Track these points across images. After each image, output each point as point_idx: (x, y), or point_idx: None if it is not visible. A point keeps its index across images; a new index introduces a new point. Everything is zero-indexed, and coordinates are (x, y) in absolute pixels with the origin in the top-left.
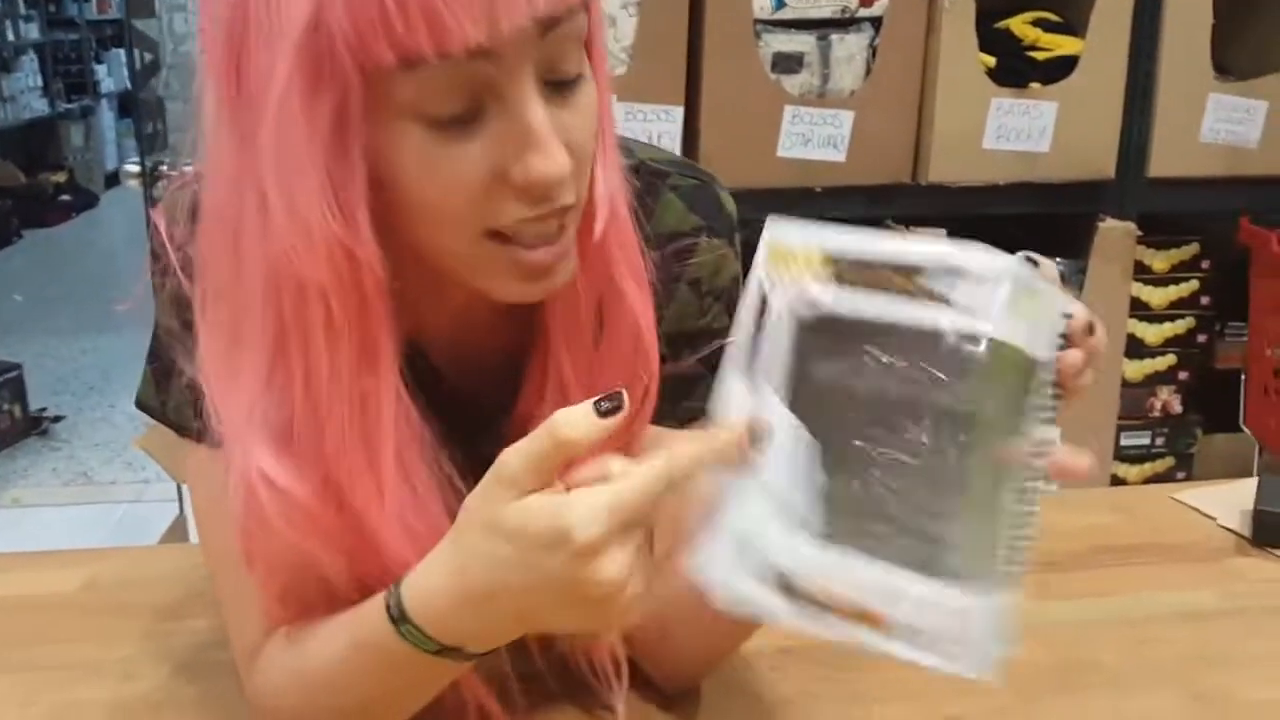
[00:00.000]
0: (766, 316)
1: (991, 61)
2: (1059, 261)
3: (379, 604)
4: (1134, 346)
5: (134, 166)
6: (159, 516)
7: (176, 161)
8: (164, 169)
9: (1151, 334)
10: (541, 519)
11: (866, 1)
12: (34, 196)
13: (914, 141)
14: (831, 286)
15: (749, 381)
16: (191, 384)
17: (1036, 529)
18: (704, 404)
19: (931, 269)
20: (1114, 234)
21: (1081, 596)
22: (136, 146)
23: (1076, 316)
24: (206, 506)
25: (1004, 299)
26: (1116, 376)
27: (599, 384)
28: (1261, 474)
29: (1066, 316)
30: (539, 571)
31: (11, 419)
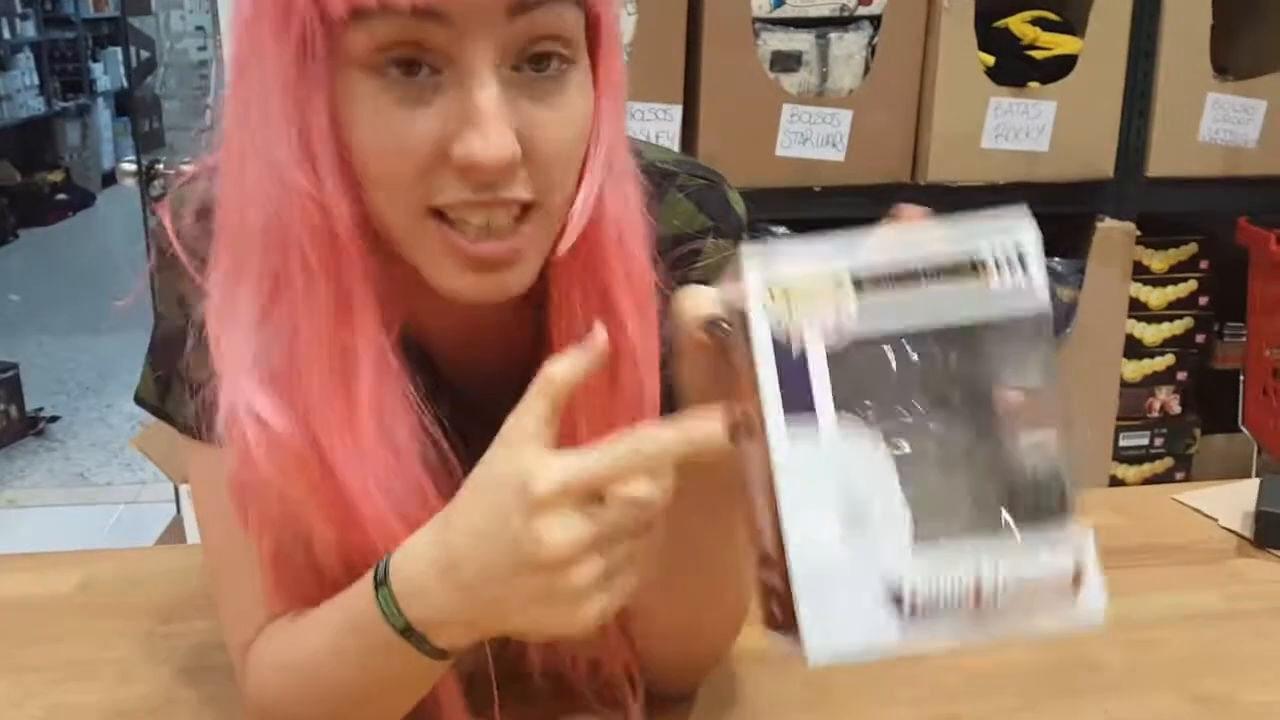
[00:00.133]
0: (794, 359)
1: (990, 60)
2: (1058, 261)
3: (370, 573)
4: (1132, 347)
5: (130, 165)
6: (156, 517)
7: (173, 159)
8: (160, 167)
9: (1150, 334)
10: (511, 462)
11: (865, 0)
12: (30, 195)
13: (913, 140)
14: (856, 306)
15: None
16: (193, 381)
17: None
18: None
19: (955, 264)
20: (1113, 234)
21: None
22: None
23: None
24: (207, 503)
25: (1037, 256)
26: (1115, 377)
27: (600, 403)
28: (1262, 475)
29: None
30: (497, 519)
31: (7, 419)
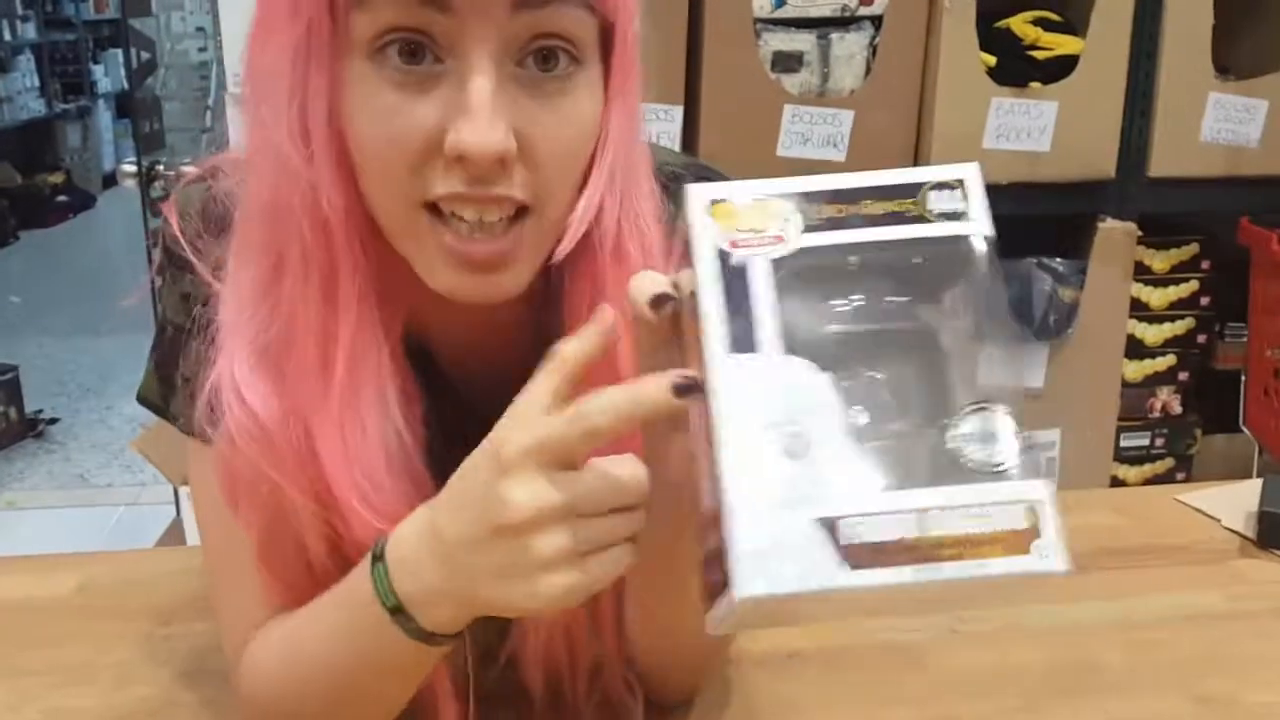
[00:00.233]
0: (734, 276)
1: (992, 61)
2: (1059, 261)
3: (370, 552)
4: (1134, 347)
5: (130, 166)
6: (155, 519)
7: (174, 160)
8: (161, 168)
9: (1151, 334)
10: (497, 431)
11: (866, 0)
12: (31, 197)
13: (914, 141)
14: (801, 223)
15: (733, 344)
16: (196, 380)
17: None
18: None
19: (896, 185)
20: (1114, 234)
21: (1084, 599)
22: (134, 147)
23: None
24: (206, 503)
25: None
26: (1116, 377)
27: None
28: (1265, 475)
29: None
30: (472, 482)
31: (7, 421)
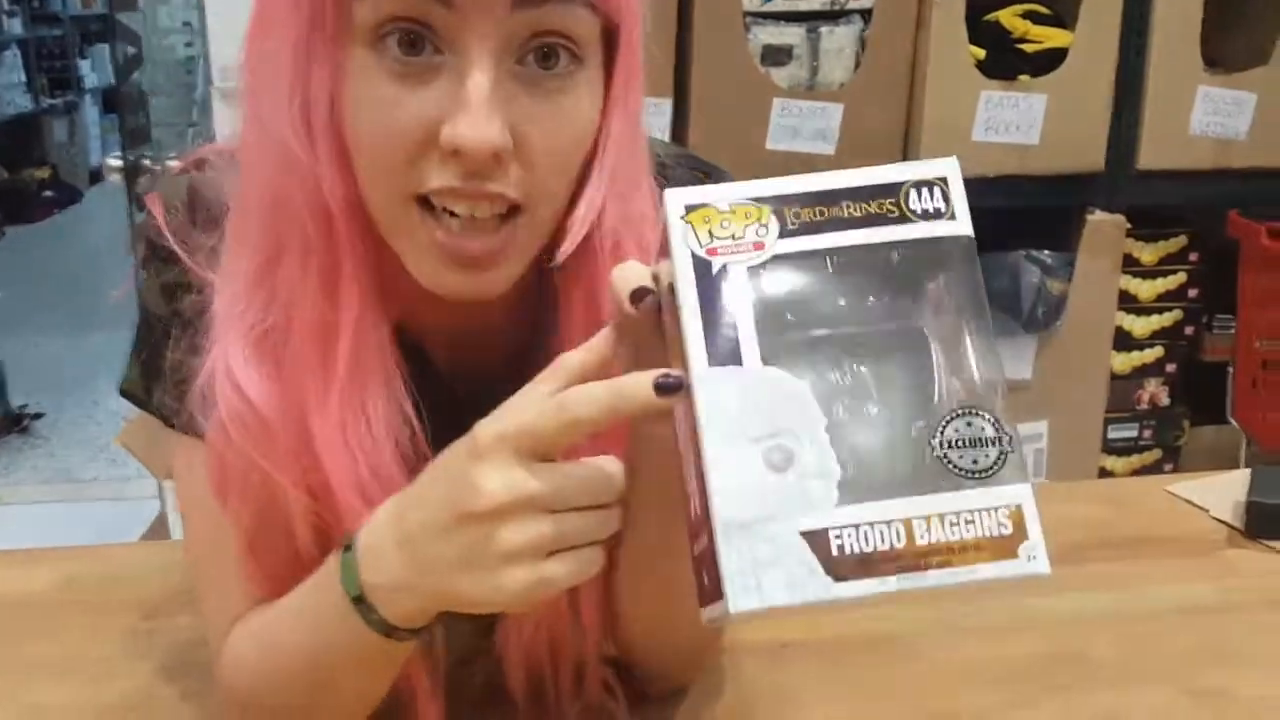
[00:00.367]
0: (712, 287)
1: (981, 54)
2: (1047, 254)
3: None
4: (1122, 339)
5: (116, 160)
6: (140, 514)
7: (160, 155)
8: (147, 163)
9: (1139, 326)
10: (476, 429)
11: None
12: (17, 193)
13: (903, 134)
14: (779, 228)
15: (712, 358)
16: (182, 372)
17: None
18: None
19: (875, 186)
20: (1103, 226)
21: (1075, 590)
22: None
23: None
24: (190, 495)
25: (957, 185)
26: (1104, 369)
27: None
28: (1253, 465)
29: None
30: (443, 469)
31: None
